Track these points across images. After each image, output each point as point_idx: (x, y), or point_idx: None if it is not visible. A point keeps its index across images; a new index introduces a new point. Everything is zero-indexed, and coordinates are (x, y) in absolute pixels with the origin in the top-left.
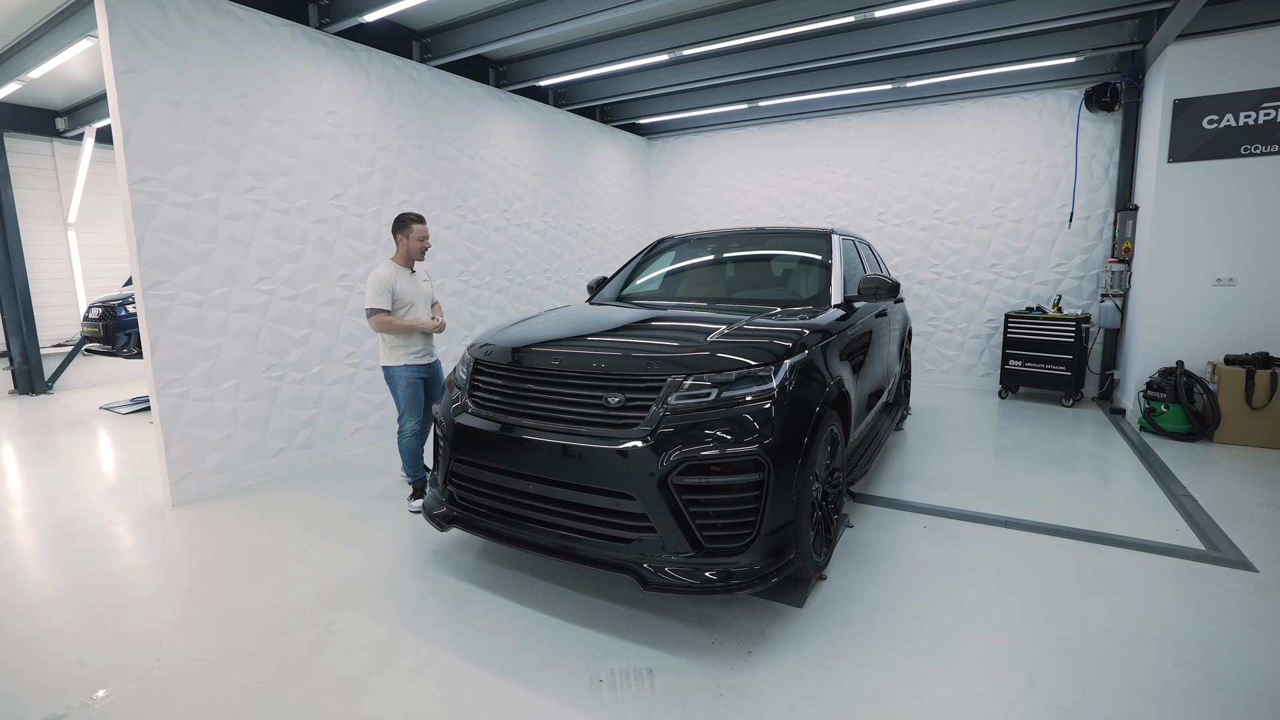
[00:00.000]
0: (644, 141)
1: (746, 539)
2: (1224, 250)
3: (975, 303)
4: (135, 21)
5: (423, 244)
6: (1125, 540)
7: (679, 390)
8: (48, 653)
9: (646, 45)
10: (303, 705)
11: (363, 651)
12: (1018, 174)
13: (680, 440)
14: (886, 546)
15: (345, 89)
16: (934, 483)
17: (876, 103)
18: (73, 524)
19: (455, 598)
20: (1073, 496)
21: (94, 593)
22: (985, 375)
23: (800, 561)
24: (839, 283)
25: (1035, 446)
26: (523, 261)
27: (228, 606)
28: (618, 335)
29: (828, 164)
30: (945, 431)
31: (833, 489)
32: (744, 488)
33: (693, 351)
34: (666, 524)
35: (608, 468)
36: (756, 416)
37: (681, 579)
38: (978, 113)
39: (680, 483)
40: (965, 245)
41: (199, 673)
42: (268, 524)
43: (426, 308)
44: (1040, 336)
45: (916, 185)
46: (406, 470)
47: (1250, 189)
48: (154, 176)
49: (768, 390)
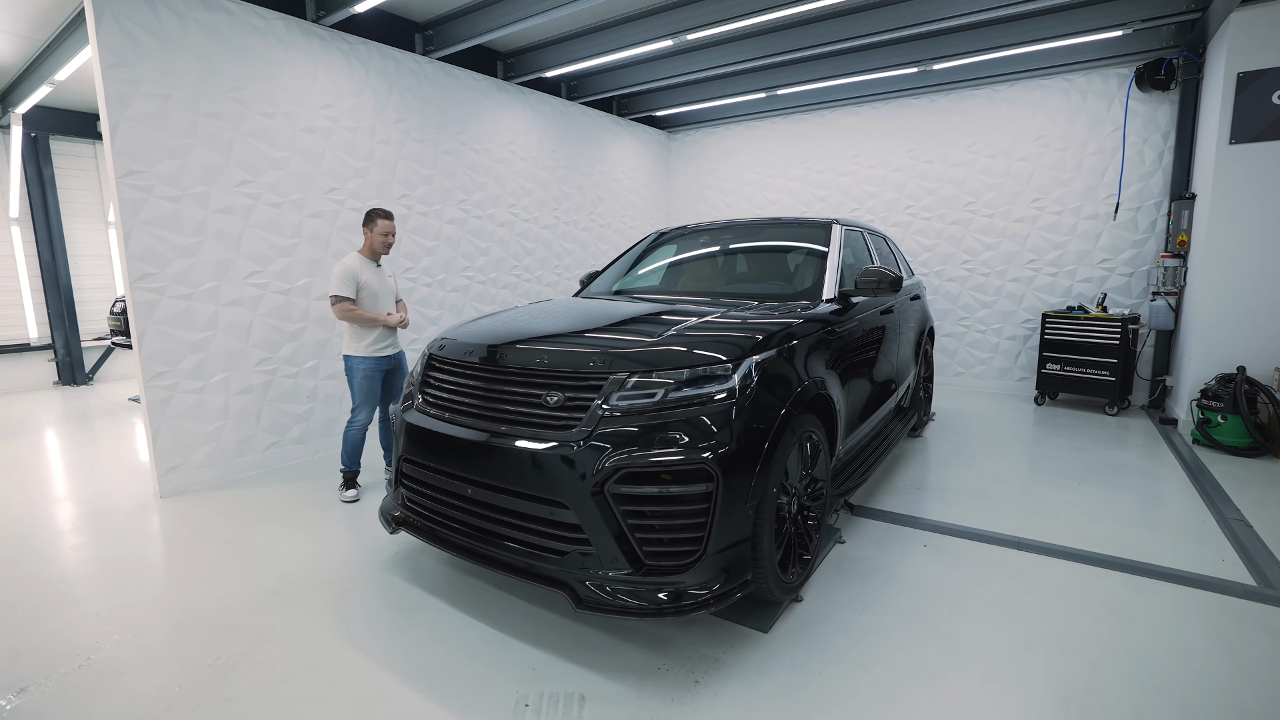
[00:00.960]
0: (664, 135)
1: (691, 557)
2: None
3: (1011, 301)
4: (122, 16)
5: (385, 239)
6: (1158, 569)
7: (621, 389)
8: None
9: (653, 30)
10: (213, 713)
11: (293, 658)
12: (1059, 162)
13: (619, 445)
14: (879, 566)
15: (342, 82)
16: (946, 495)
17: (903, 89)
18: (59, 514)
19: (403, 604)
20: (1103, 516)
21: (56, 584)
22: (1021, 380)
23: (763, 583)
24: (833, 277)
25: (1068, 458)
26: (531, 257)
27: (179, 603)
28: (578, 330)
29: (853, 155)
30: (969, 439)
31: (813, 501)
32: (689, 500)
33: (642, 347)
34: (602, 537)
35: (540, 473)
36: (707, 420)
37: (615, 599)
38: (1014, 96)
39: (617, 492)
40: (1000, 240)
41: (122, 673)
42: (246, 519)
43: (391, 301)
44: (1081, 338)
45: (947, 176)
46: (343, 459)
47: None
48: (141, 170)
49: (723, 391)
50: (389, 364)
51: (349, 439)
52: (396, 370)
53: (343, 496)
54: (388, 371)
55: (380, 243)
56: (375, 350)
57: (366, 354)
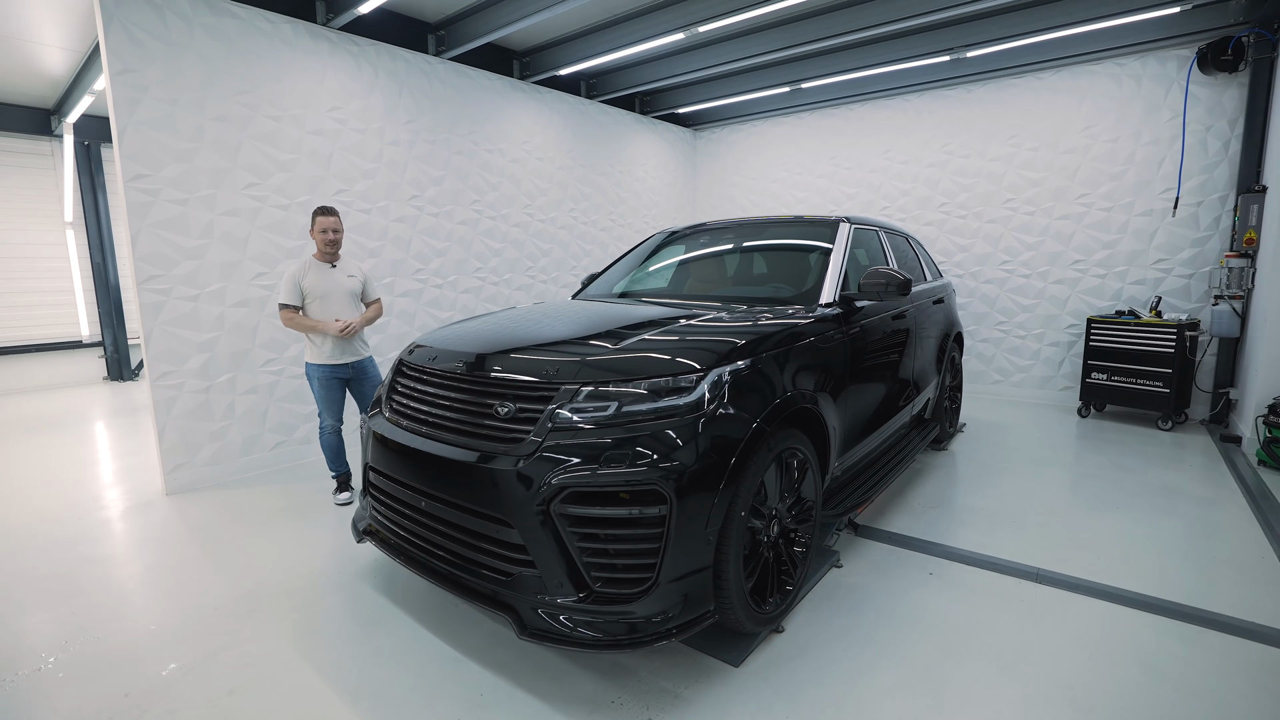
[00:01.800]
0: (689, 133)
1: (643, 585)
2: None
3: (1054, 305)
4: (130, 23)
5: (324, 236)
6: (1204, 615)
7: (572, 401)
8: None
9: (667, 23)
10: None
11: (244, 669)
12: (1109, 154)
13: (566, 461)
14: (875, 595)
15: (350, 84)
16: (964, 516)
17: (937, 79)
18: (67, 508)
19: (367, 615)
20: (1143, 548)
21: (45, 580)
22: (1065, 389)
23: (729, 615)
24: (834, 279)
25: (1109, 478)
26: (547, 258)
27: (154, 606)
28: (549, 336)
29: (884, 150)
30: (1000, 454)
31: (800, 524)
32: (640, 523)
33: (598, 356)
34: (547, 560)
35: (486, 488)
36: (663, 437)
37: (561, 628)
38: (1059, 84)
39: (564, 512)
40: (1043, 239)
41: (77, 677)
42: (240, 519)
43: (345, 305)
44: (1131, 345)
45: (985, 171)
46: (328, 464)
47: None
48: (148, 174)
49: (683, 406)
50: (347, 372)
51: (324, 444)
52: (360, 378)
53: (336, 500)
54: (348, 380)
55: (319, 240)
56: (330, 359)
57: (321, 362)
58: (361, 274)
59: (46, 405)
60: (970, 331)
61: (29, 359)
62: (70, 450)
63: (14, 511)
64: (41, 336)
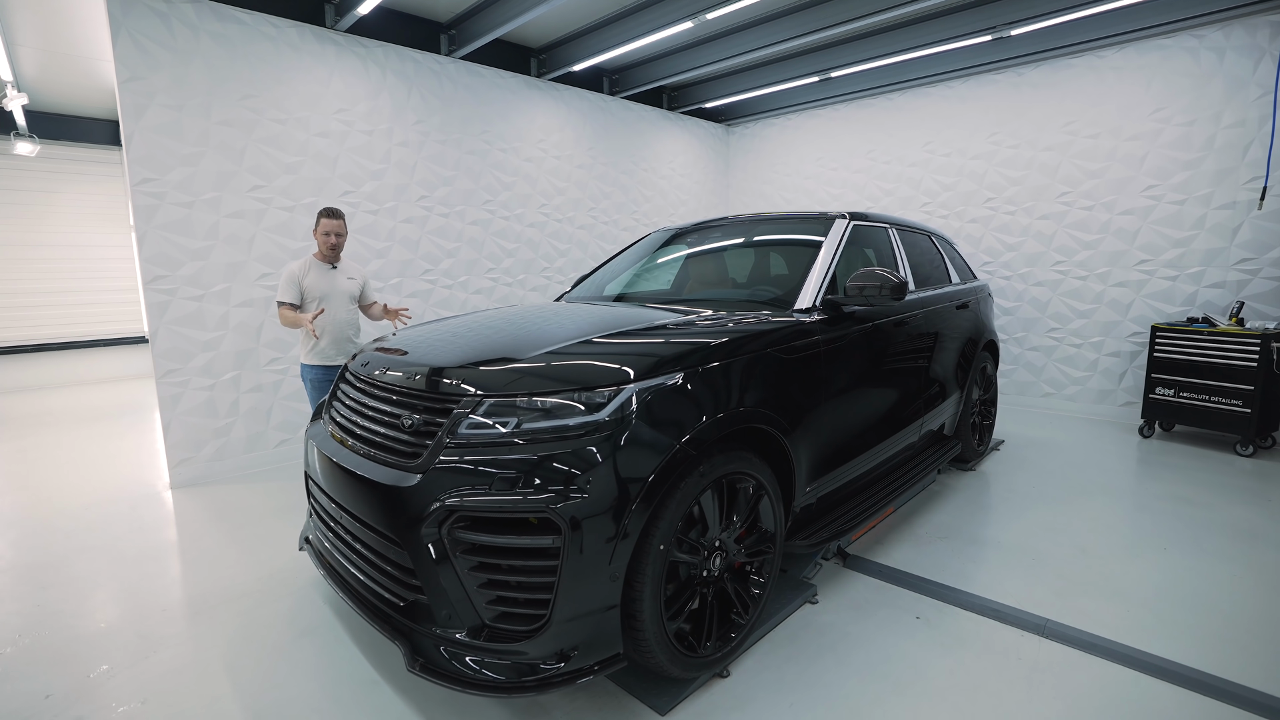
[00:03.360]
0: (721, 129)
1: (536, 624)
2: None
3: (1115, 310)
4: (137, 31)
5: (326, 239)
6: (1258, 698)
7: (471, 415)
8: None
9: (675, 11)
10: None
11: (165, 677)
12: (1182, 140)
13: (456, 481)
14: (847, 639)
15: (357, 85)
16: (974, 550)
17: (983, 63)
18: (77, 498)
19: (305, 625)
20: (1191, 603)
21: (30, 570)
22: (1126, 405)
23: (649, 660)
24: (816, 282)
25: (1164, 512)
26: (564, 258)
27: (110, 603)
28: (481, 343)
29: (924, 142)
30: (1038, 476)
31: (755, 558)
32: (531, 555)
33: (503, 366)
34: (436, 588)
35: (382, 503)
36: (560, 459)
37: (449, 664)
38: (1123, 62)
39: (453, 537)
40: (1102, 237)
41: (11, 675)
42: (229, 515)
43: (344, 306)
44: (1205, 358)
45: (1037, 163)
46: None
47: None
48: (155, 178)
49: (589, 424)
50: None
51: None
52: None
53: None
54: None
55: (321, 243)
56: (324, 359)
57: (315, 362)
58: (361, 276)
59: (105, 397)
60: (1018, 339)
61: (98, 353)
62: (104, 441)
63: (28, 499)
64: (109, 332)
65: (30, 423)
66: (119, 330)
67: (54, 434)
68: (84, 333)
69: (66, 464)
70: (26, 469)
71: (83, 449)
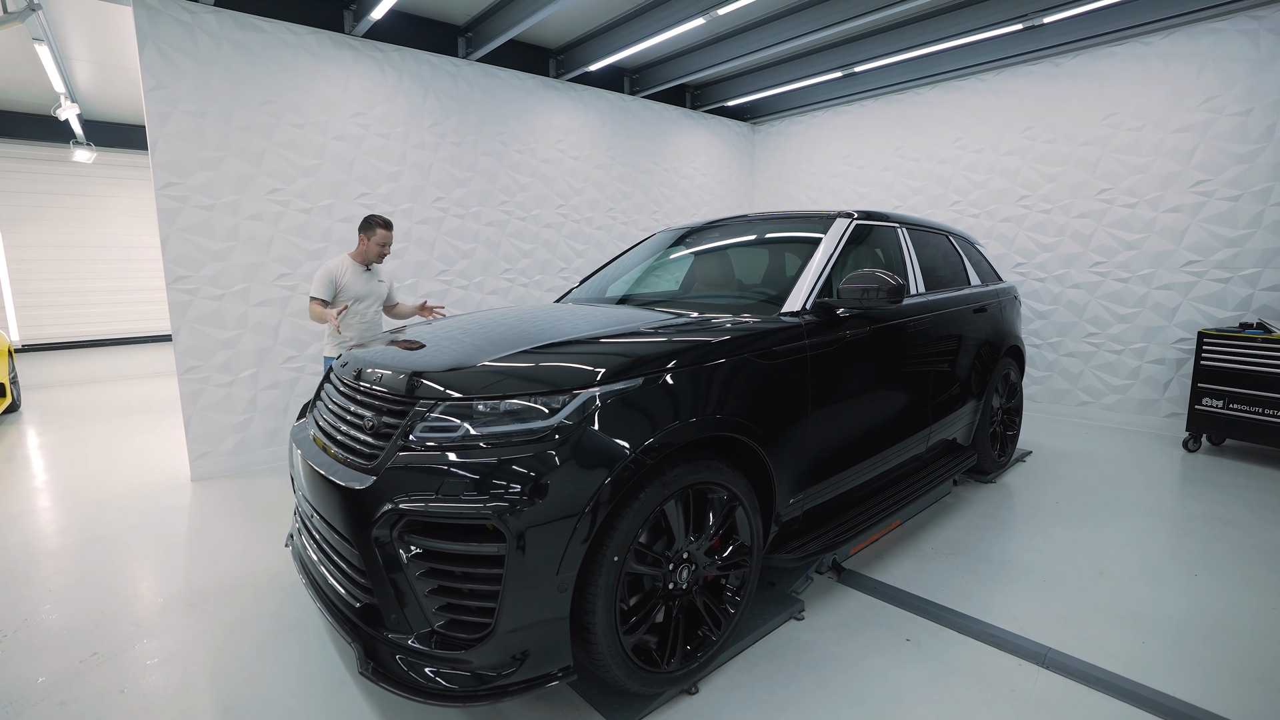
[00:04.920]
0: (747, 127)
1: (481, 632)
2: None
3: (1159, 314)
4: (163, 42)
5: (381, 249)
6: None
7: (424, 419)
8: None
9: (688, 7)
10: (41, 714)
11: (147, 670)
12: (1236, 132)
13: (409, 484)
14: (829, 660)
15: (374, 89)
16: (980, 568)
17: (1016, 54)
18: (100, 489)
19: (289, 622)
20: (1216, 637)
21: (45, 558)
22: (1171, 416)
23: (604, 673)
24: (808, 284)
25: (1202, 534)
26: (581, 259)
27: (112, 592)
28: (454, 347)
29: (955, 138)
30: (1063, 491)
31: (730, 569)
32: (476, 562)
33: (458, 368)
34: (385, 592)
35: (340, 505)
36: (506, 465)
37: (397, 670)
38: (1171, 49)
39: (401, 540)
40: (1145, 236)
41: (10, 658)
42: (241, 508)
43: (374, 306)
44: (1257, 367)
45: (1074, 158)
46: None
47: None
48: (178, 182)
49: (537, 430)
50: None
51: None
52: None
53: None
54: None
55: (375, 252)
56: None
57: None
58: (389, 280)
59: (146, 391)
60: (1053, 344)
61: (144, 349)
62: (138, 434)
63: (62, 489)
64: (154, 329)
65: (76, 414)
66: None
67: (95, 426)
68: (131, 329)
69: (102, 455)
70: (65, 460)
71: (117, 441)
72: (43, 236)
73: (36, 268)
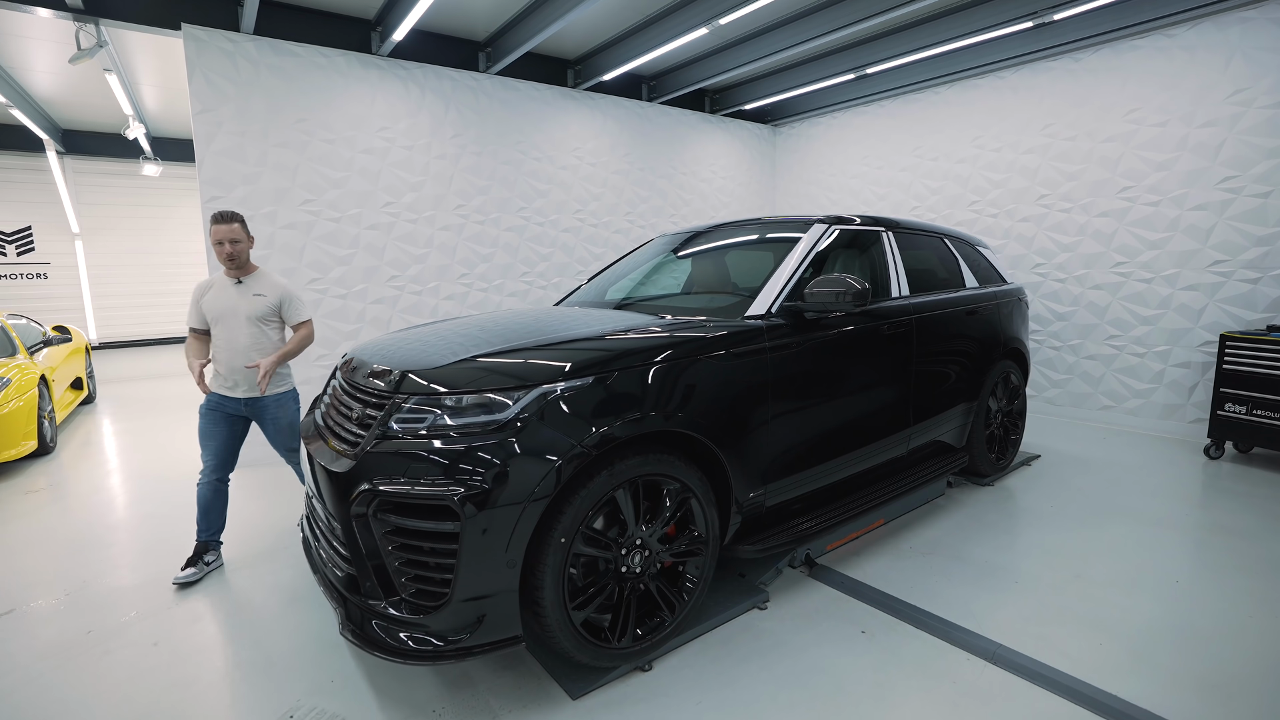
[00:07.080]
0: (768, 130)
1: (439, 601)
2: None
3: (1184, 316)
4: (209, 70)
5: (220, 249)
6: None
7: (399, 411)
8: None
9: (693, 16)
10: (35, 676)
11: (175, 628)
12: (1266, 124)
13: (381, 469)
14: (780, 647)
15: (398, 105)
16: (954, 567)
17: (1036, 49)
18: (160, 474)
19: (299, 591)
20: (1179, 643)
21: (108, 532)
22: (1196, 422)
23: (554, 644)
24: (774, 289)
25: (1200, 543)
26: (599, 261)
27: (155, 560)
28: (440, 347)
29: (973, 137)
30: (1064, 496)
31: (687, 557)
32: (436, 538)
33: (427, 367)
34: (360, 562)
35: (328, 486)
36: (463, 454)
37: (371, 631)
38: (1196, 41)
39: (376, 516)
40: (1169, 235)
41: (68, 613)
42: (271, 492)
43: (244, 329)
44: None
45: (1095, 155)
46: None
47: None
48: (221, 196)
49: (492, 422)
50: (238, 408)
51: (198, 496)
52: (262, 419)
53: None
54: (243, 419)
55: (217, 253)
56: (218, 386)
57: (212, 389)
58: (278, 292)
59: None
60: (1073, 347)
61: None
62: (169, 430)
63: (122, 471)
64: None
65: (144, 406)
66: None
67: (160, 417)
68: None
69: (164, 443)
70: (132, 446)
71: (177, 430)
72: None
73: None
